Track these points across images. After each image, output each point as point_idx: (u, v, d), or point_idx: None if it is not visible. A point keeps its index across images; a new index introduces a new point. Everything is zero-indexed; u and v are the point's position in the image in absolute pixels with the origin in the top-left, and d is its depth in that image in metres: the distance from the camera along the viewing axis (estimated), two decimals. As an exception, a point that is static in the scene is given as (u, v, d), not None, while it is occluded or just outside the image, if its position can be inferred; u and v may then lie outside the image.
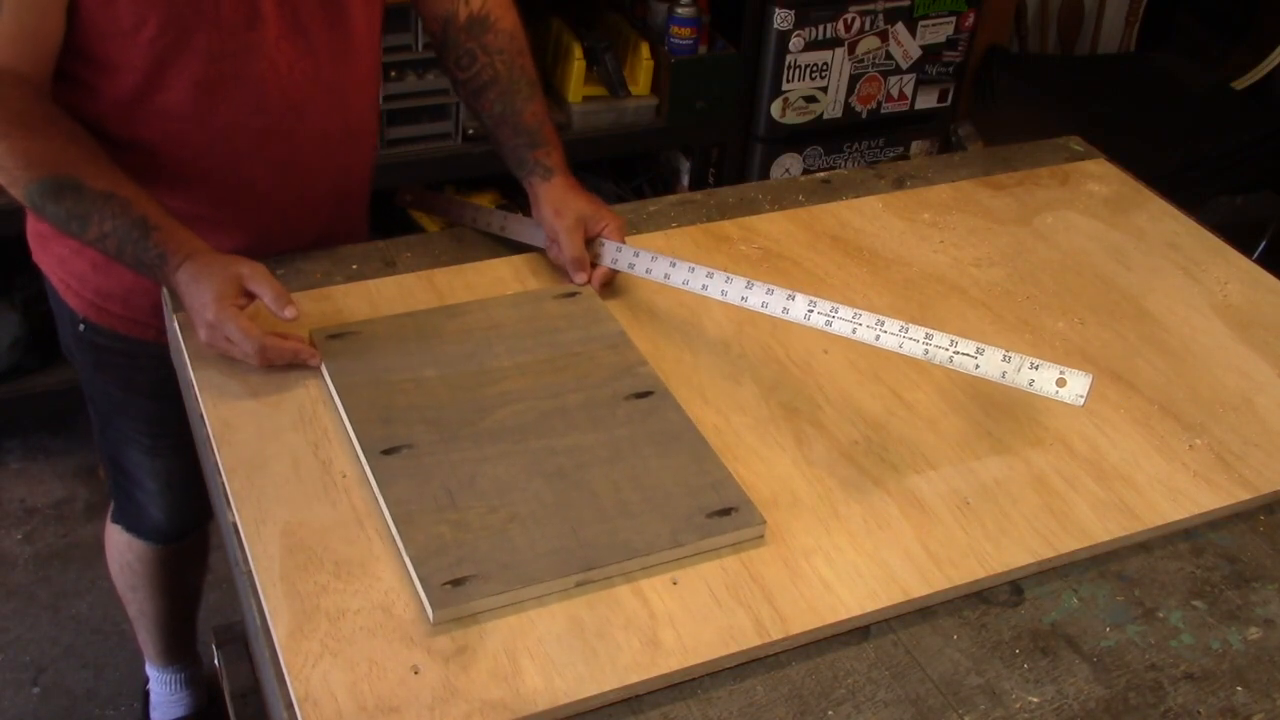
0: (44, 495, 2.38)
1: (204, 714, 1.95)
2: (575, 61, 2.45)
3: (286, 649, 0.94)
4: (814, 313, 1.20)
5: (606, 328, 1.27)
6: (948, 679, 0.99)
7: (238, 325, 1.16)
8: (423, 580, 0.98)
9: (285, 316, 1.17)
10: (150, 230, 1.19)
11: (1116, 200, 1.60)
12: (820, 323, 1.19)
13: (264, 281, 1.18)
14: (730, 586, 1.02)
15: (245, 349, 1.17)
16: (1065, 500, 1.13)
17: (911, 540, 1.08)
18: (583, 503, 1.06)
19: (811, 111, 2.66)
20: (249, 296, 1.18)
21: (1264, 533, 1.15)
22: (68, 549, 2.28)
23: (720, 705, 0.95)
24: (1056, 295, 1.41)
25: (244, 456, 1.10)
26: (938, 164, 1.66)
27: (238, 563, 1.03)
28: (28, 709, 2.01)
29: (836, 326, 1.18)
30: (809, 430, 1.19)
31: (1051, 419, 1.23)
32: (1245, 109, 3.03)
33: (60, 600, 2.19)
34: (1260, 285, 1.46)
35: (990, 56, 3.03)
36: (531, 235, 1.40)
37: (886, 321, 1.16)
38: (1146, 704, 0.98)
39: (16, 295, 2.34)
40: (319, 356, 1.20)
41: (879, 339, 1.16)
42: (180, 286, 1.19)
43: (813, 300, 1.20)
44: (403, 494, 1.06)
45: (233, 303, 1.17)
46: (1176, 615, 1.06)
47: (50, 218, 1.20)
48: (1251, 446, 1.22)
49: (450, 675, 0.93)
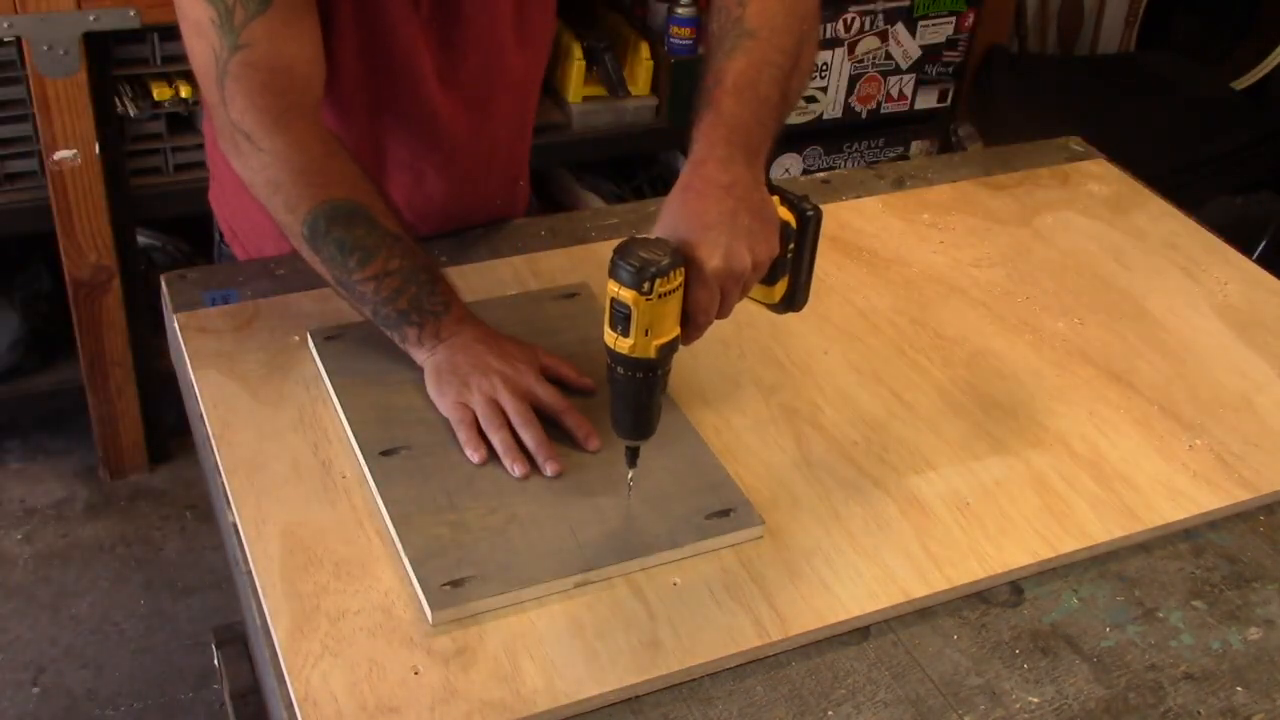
0: (44, 495, 2.38)
1: None
2: (575, 61, 2.45)
3: (286, 649, 0.94)
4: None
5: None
6: (948, 679, 0.99)
7: (546, 387, 1.12)
8: (422, 581, 0.98)
9: (589, 448, 1.11)
10: (438, 279, 1.15)
11: (1116, 200, 1.60)
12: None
13: (564, 364, 1.16)
14: (730, 587, 1.02)
15: (515, 409, 1.10)
16: (1065, 500, 1.13)
17: (911, 541, 1.08)
18: (582, 504, 1.06)
19: (811, 112, 2.66)
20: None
21: (1264, 533, 1.15)
22: (68, 549, 2.28)
23: (720, 705, 0.95)
24: (1056, 295, 1.41)
25: (244, 456, 1.10)
26: (938, 164, 1.66)
27: (238, 563, 1.03)
28: (28, 709, 2.01)
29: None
30: (809, 431, 1.19)
31: (1051, 419, 1.22)
32: (1245, 109, 3.03)
33: (60, 600, 2.19)
34: (1260, 285, 1.46)
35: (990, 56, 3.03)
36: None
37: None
38: (1146, 704, 0.98)
39: (16, 295, 2.34)
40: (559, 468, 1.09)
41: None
42: (456, 338, 1.13)
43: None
44: (401, 495, 1.06)
45: (538, 365, 1.14)
46: (1176, 615, 1.06)
47: (327, 242, 1.12)
48: (1251, 446, 1.22)
49: (450, 676, 0.93)
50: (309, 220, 1.12)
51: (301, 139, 1.13)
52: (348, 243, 1.12)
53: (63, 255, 2.12)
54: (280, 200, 1.13)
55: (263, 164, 1.12)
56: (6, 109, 2.07)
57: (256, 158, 1.12)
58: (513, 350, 1.15)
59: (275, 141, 1.11)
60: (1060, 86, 3.05)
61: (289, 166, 1.12)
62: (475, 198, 1.41)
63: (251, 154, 1.12)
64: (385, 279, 1.12)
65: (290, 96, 1.12)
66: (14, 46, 1.98)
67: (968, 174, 1.64)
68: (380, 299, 1.13)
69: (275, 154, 1.11)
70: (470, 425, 1.10)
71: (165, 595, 2.21)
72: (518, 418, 1.10)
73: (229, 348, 1.22)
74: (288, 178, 1.12)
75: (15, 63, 2.01)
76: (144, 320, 2.25)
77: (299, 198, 1.12)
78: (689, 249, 0.97)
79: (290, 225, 1.13)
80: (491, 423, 1.09)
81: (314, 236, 1.12)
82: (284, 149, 1.11)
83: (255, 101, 1.11)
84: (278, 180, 1.12)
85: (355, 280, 1.13)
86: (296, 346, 1.23)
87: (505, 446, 1.09)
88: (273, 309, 1.27)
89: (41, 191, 2.08)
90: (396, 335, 1.15)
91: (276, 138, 1.11)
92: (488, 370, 1.12)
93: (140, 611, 2.18)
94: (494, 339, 1.15)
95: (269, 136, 1.11)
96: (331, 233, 1.11)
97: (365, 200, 1.13)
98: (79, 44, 1.94)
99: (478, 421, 1.10)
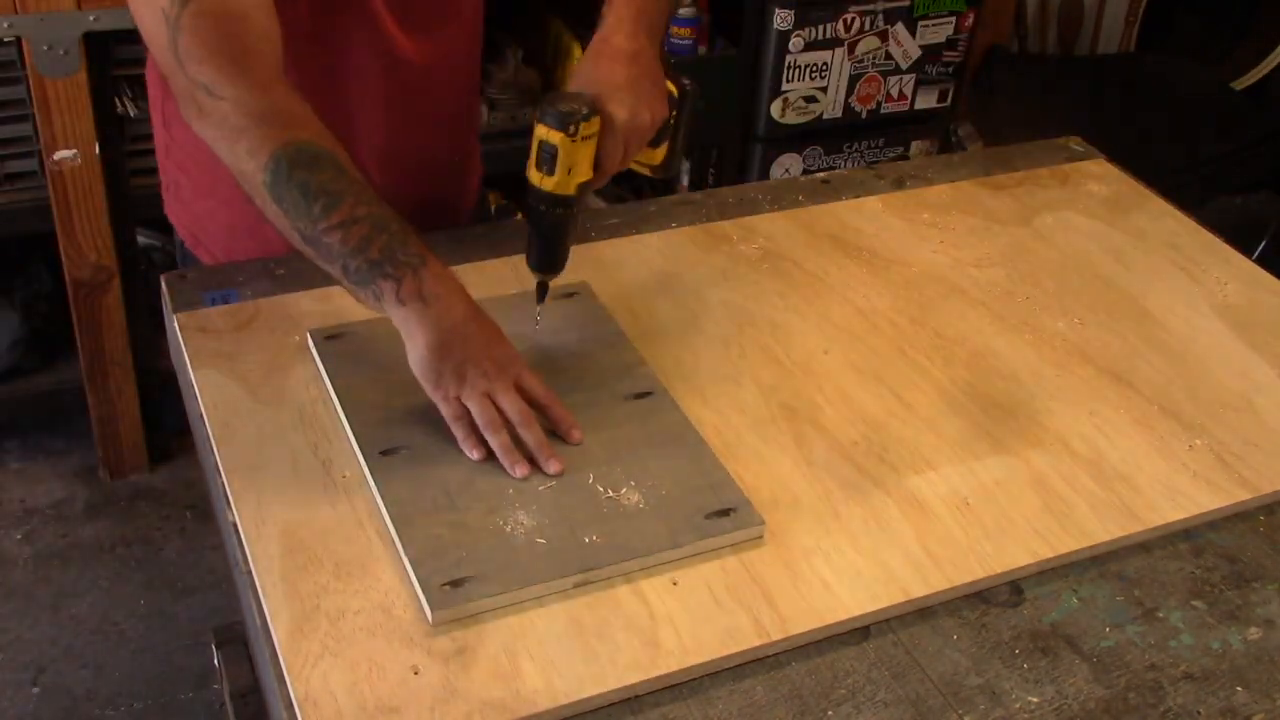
0: (44, 495, 2.38)
1: None
2: (575, 61, 2.45)
3: (286, 649, 0.94)
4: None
5: (606, 328, 1.27)
6: (948, 679, 0.99)
7: (533, 378, 1.11)
8: (422, 581, 0.98)
9: (572, 440, 1.12)
10: (410, 230, 1.07)
11: (1116, 200, 1.60)
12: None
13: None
14: (730, 587, 1.02)
15: (512, 408, 1.09)
16: (1065, 500, 1.13)
17: (911, 540, 1.08)
18: (582, 503, 1.06)
19: (811, 112, 2.66)
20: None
21: (1264, 533, 1.15)
22: (68, 549, 2.28)
23: (720, 705, 0.95)
24: (1056, 295, 1.41)
25: (244, 456, 1.10)
26: (937, 164, 1.66)
27: (238, 563, 1.03)
28: (27, 709, 2.01)
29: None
30: (809, 431, 1.19)
31: (1051, 419, 1.22)
32: (1245, 109, 3.03)
33: (60, 600, 2.19)
34: (1260, 285, 1.46)
35: (990, 56, 3.03)
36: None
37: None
38: (1146, 704, 0.98)
39: (16, 295, 2.34)
40: (560, 466, 1.10)
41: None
42: (444, 308, 1.07)
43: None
44: (401, 495, 1.06)
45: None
46: (1176, 615, 1.06)
47: (290, 187, 1.05)
48: (1251, 446, 1.22)
49: (450, 676, 0.93)
50: (271, 165, 1.05)
51: (263, 82, 1.08)
52: (311, 186, 1.04)
53: (63, 255, 2.12)
54: (244, 147, 1.06)
55: (223, 114, 1.06)
56: (6, 109, 2.07)
57: (216, 108, 1.06)
58: (497, 334, 1.12)
59: (236, 86, 1.06)
60: (1060, 86, 3.05)
61: (250, 110, 1.06)
62: (429, 140, 1.40)
63: (211, 107, 1.06)
64: (353, 225, 1.05)
65: (248, 41, 1.08)
66: (14, 46, 1.98)
67: (968, 174, 1.64)
68: (348, 249, 1.05)
69: (236, 100, 1.06)
70: (466, 423, 1.09)
71: (165, 595, 2.21)
72: (518, 418, 1.09)
73: (229, 348, 1.22)
74: (250, 122, 1.06)
75: (15, 63, 2.01)
76: (144, 320, 2.25)
77: (261, 140, 1.05)
78: (601, 103, 1.14)
79: (252, 175, 1.06)
80: (490, 425, 1.08)
81: (276, 183, 1.05)
82: (245, 93, 1.06)
83: (212, 49, 1.06)
84: (240, 126, 1.06)
85: (320, 230, 1.05)
86: (296, 346, 1.23)
87: (504, 449, 1.08)
88: (273, 309, 1.27)
89: (41, 191, 2.08)
90: (370, 293, 1.06)
91: (238, 81, 1.06)
92: (481, 361, 1.08)
93: (140, 611, 2.18)
94: (482, 319, 1.10)
95: (229, 82, 1.06)
96: (294, 176, 1.04)
97: (329, 145, 1.08)
98: (79, 44, 1.94)
99: (468, 416, 1.09)
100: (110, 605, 2.16)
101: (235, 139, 1.06)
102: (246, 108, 1.06)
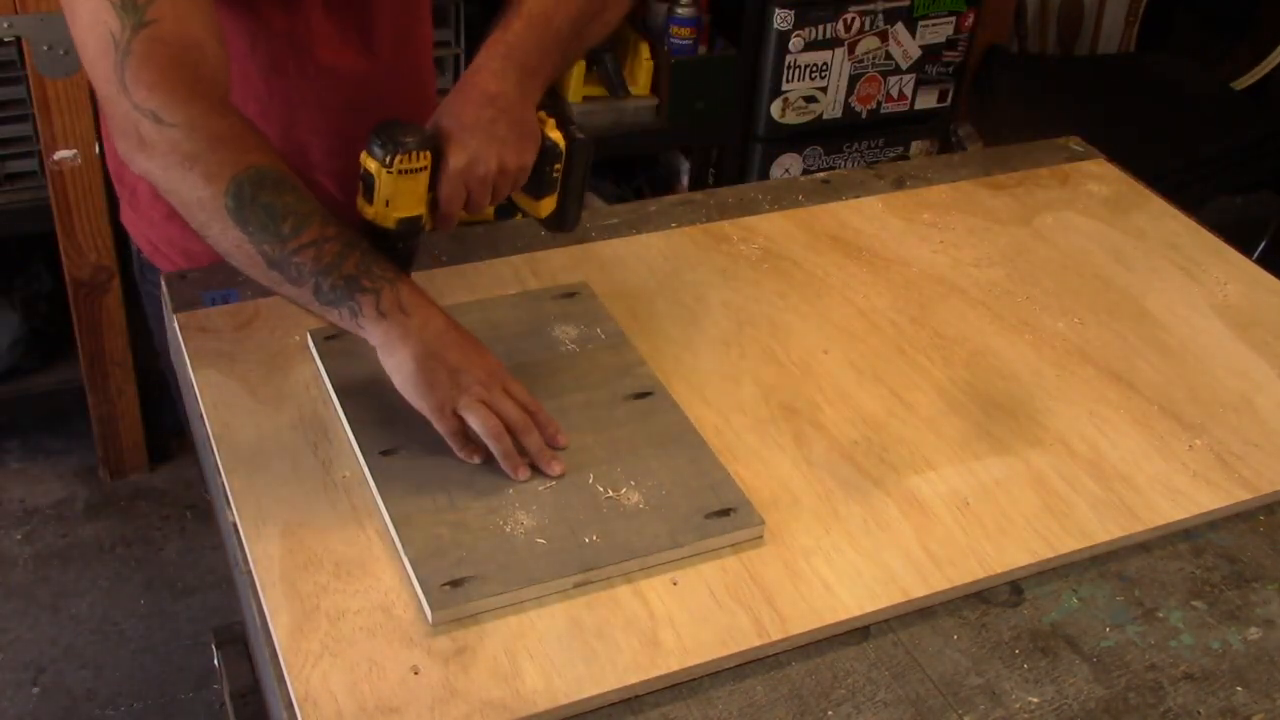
0: (44, 495, 2.38)
1: None
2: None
3: (286, 649, 0.94)
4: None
5: (606, 328, 1.27)
6: (948, 679, 0.99)
7: (518, 385, 1.10)
8: (422, 581, 0.98)
9: (558, 444, 1.11)
10: (376, 251, 1.06)
11: (1116, 200, 1.60)
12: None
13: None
14: (730, 587, 1.02)
15: (513, 415, 1.08)
16: (1065, 500, 1.13)
17: (911, 540, 1.08)
18: (582, 503, 1.06)
19: (811, 112, 2.66)
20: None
21: (1264, 533, 1.15)
22: (68, 549, 2.28)
23: (720, 705, 0.95)
24: (1056, 295, 1.41)
25: (244, 456, 1.10)
26: (937, 164, 1.66)
27: (238, 563, 1.03)
28: (27, 709, 2.01)
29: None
30: (809, 430, 1.19)
31: (1051, 419, 1.23)
32: (1245, 109, 3.03)
33: (60, 600, 2.19)
34: (1260, 285, 1.46)
35: (990, 56, 3.03)
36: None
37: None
38: (1146, 704, 0.98)
39: (16, 295, 2.34)
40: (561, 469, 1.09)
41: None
42: (424, 319, 1.05)
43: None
44: (401, 495, 1.06)
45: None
46: (1176, 615, 1.06)
47: (255, 210, 1.02)
48: (1251, 446, 1.22)
49: (450, 676, 0.93)
50: (233, 189, 1.01)
51: (217, 108, 1.05)
52: (278, 208, 1.02)
53: (63, 255, 2.12)
54: (199, 173, 1.02)
55: (173, 142, 1.02)
56: (6, 109, 2.07)
57: (165, 136, 1.02)
58: (478, 343, 1.11)
59: (190, 111, 1.03)
60: (1060, 86, 3.05)
61: (205, 134, 1.03)
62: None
63: (158, 136, 1.03)
64: (325, 244, 1.03)
65: (203, 70, 1.05)
66: (14, 46, 1.98)
67: (968, 174, 1.64)
68: (321, 267, 1.02)
69: (190, 125, 1.03)
70: (462, 436, 1.08)
71: (165, 595, 2.21)
72: (519, 424, 1.08)
73: (229, 348, 1.22)
74: (204, 146, 1.02)
75: (15, 63, 2.01)
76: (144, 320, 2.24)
77: (219, 165, 1.02)
78: (443, 143, 1.09)
79: (210, 200, 1.02)
80: (493, 432, 1.07)
81: (239, 206, 1.01)
82: (199, 117, 1.03)
83: (166, 75, 1.03)
84: (193, 153, 1.02)
85: (290, 251, 1.02)
86: (296, 346, 1.23)
87: (508, 455, 1.08)
88: (273, 309, 1.27)
89: (41, 191, 2.08)
90: (346, 310, 1.04)
91: (191, 106, 1.03)
92: (472, 368, 1.07)
93: (140, 611, 2.18)
94: (461, 329, 1.09)
95: (181, 107, 1.03)
96: (259, 198, 1.01)
97: (287, 170, 1.05)
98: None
99: (464, 428, 1.08)
100: (110, 605, 2.16)
101: (189, 165, 1.03)
102: (202, 132, 1.03)
